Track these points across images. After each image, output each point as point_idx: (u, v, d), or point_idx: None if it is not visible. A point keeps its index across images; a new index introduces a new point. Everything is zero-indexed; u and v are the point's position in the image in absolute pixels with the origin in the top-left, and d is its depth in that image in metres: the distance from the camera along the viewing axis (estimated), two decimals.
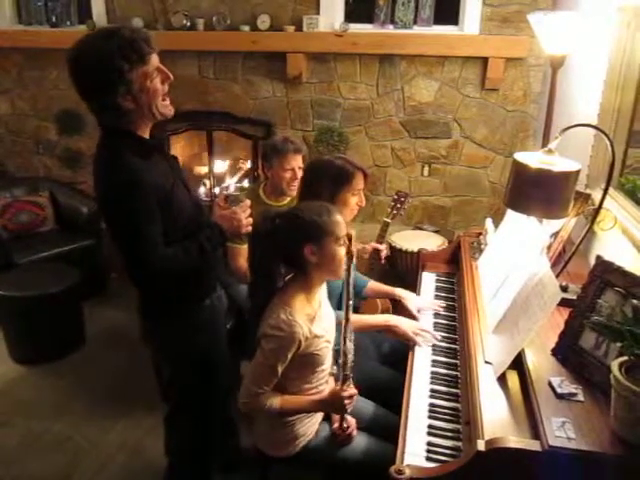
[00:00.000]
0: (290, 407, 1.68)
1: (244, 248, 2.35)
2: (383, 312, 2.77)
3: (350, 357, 1.68)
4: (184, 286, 1.76)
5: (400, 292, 2.22)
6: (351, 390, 1.67)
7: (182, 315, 1.82)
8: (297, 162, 2.56)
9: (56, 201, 3.97)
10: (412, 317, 2.08)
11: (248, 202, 1.83)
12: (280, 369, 1.61)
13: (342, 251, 1.66)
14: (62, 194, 4.01)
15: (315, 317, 1.68)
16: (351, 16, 3.75)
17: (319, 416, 1.82)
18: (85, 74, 1.57)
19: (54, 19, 4.15)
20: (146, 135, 1.70)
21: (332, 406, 1.70)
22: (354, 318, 2.05)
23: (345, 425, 1.76)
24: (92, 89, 1.59)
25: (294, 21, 3.72)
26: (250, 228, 1.80)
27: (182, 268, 1.68)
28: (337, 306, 2.07)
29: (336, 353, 1.75)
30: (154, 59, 1.60)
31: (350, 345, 1.69)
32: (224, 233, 1.76)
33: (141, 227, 1.60)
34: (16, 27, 4.25)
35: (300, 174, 2.53)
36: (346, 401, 1.64)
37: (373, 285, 2.33)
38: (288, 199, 2.64)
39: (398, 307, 2.27)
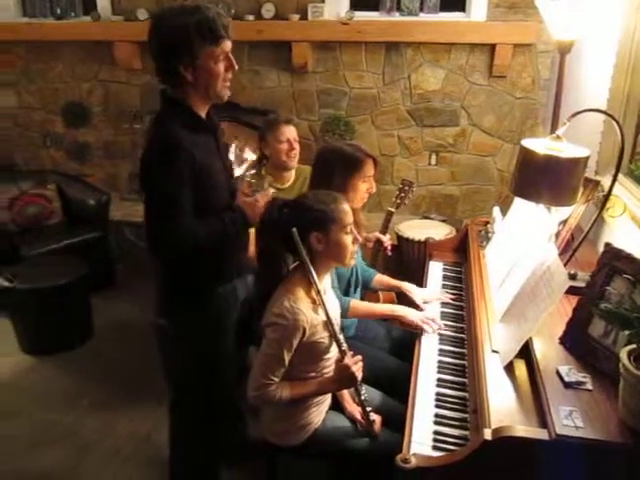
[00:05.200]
0: (301, 393, 1.66)
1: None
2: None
3: (338, 329, 1.67)
4: (203, 264, 1.78)
5: (407, 286, 2.21)
6: (354, 357, 1.66)
7: (195, 303, 1.83)
8: (291, 133, 2.59)
9: (63, 194, 3.98)
10: (418, 308, 2.08)
11: (270, 191, 1.86)
12: (287, 358, 1.60)
13: (349, 239, 1.66)
14: (69, 187, 4.01)
15: (319, 305, 1.67)
16: (356, 4, 3.73)
17: (326, 404, 1.81)
18: (159, 34, 1.67)
19: (58, 11, 4.16)
20: (202, 113, 1.76)
21: (342, 381, 1.68)
22: (362, 305, 2.08)
23: (364, 417, 1.76)
24: (161, 49, 1.69)
25: (299, 10, 3.70)
26: None
27: (205, 241, 1.71)
28: (345, 293, 2.09)
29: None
30: (226, 44, 1.69)
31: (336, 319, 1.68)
32: (247, 218, 1.79)
33: (172, 193, 1.65)
34: (20, 20, 4.25)
35: (296, 145, 2.58)
36: (352, 368, 1.63)
37: (381, 277, 2.33)
38: (291, 181, 2.65)
39: (403, 300, 2.25)
